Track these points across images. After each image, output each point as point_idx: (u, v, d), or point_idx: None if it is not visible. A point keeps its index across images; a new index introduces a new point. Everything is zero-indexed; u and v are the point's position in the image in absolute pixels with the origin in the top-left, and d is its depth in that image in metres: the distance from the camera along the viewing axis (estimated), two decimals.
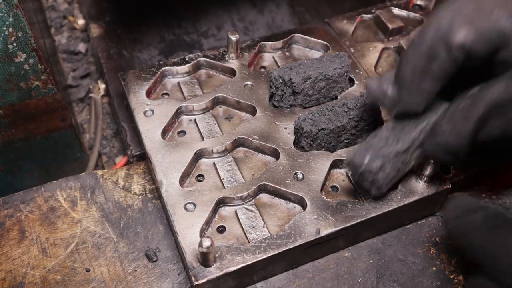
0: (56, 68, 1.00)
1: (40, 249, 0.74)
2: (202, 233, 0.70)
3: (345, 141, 0.79)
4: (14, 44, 0.72)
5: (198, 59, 0.89)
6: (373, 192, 0.70)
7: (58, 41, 1.21)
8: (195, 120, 0.84)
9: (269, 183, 0.74)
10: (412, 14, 1.02)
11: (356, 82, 0.87)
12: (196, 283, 0.65)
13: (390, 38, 0.97)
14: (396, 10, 1.02)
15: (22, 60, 0.74)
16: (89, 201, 0.79)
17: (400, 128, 0.68)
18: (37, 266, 0.72)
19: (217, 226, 0.72)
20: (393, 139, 0.67)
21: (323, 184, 0.75)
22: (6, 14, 0.68)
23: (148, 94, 0.85)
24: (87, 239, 0.75)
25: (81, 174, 0.82)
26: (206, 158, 0.79)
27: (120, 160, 0.92)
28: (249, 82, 0.86)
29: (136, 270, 0.72)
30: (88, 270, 0.72)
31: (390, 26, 0.97)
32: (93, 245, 0.74)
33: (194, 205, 0.72)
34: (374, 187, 0.69)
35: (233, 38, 0.87)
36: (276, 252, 0.68)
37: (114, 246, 0.75)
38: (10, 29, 0.70)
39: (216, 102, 0.85)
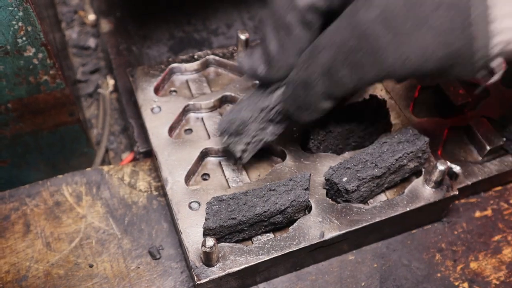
0: (66, 62, 1.00)
1: (44, 243, 0.74)
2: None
3: (353, 144, 0.78)
4: (24, 39, 0.72)
5: (207, 57, 0.89)
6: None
7: (69, 35, 1.21)
8: (202, 118, 0.83)
9: None
10: None
11: None
12: (198, 282, 0.65)
13: None
14: None
15: (31, 54, 0.74)
16: (94, 197, 0.79)
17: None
18: (41, 260, 0.72)
19: None
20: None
21: None
22: (16, 9, 0.68)
23: (156, 90, 0.85)
24: (91, 234, 0.75)
25: (87, 169, 0.82)
26: (212, 157, 0.79)
27: (127, 156, 0.92)
28: (257, 82, 0.86)
29: (139, 267, 0.72)
30: (91, 266, 0.72)
31: None
32: (97, 241, 0.75)
33: (199, 204, 0.72)
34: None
35: (243, 37, 0.87)
36: (280, 254, 0.67)
37: (118, 242, 0.75)
38: (20, 24, 0.70)
39: (224, 100, 0.85)
